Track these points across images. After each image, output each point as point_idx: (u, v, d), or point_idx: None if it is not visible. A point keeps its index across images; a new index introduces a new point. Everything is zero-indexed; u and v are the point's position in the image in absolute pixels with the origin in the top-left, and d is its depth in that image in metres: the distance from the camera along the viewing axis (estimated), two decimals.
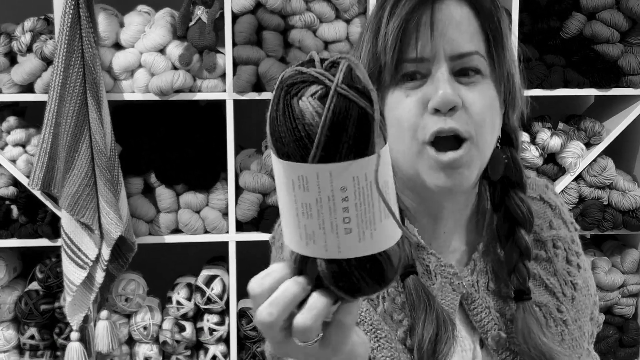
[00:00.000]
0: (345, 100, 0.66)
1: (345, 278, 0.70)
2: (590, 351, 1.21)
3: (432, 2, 1.02)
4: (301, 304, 0.72)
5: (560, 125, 2.94)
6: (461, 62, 1.02)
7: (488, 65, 1.04)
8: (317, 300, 0.71)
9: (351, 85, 0.67)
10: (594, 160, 2.92)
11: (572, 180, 2.91)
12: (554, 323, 1.13)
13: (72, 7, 2.49)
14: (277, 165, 0.70)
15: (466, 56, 1.02)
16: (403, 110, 1.03)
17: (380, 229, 0.69)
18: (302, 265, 0.72)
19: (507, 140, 1.12)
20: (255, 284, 0.73)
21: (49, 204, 2.68)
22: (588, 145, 2.94)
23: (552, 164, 2.90)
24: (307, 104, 0.66)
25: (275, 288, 0.72)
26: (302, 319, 0.70)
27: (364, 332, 1.03)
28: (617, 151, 3.00)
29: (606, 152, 2.96)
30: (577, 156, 2.86)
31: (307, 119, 0.66)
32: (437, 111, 1.00)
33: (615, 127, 2.91)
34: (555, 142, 2.84)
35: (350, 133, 0.66)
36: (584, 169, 2.91)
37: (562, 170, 2.90)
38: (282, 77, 0.69)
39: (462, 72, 1.02)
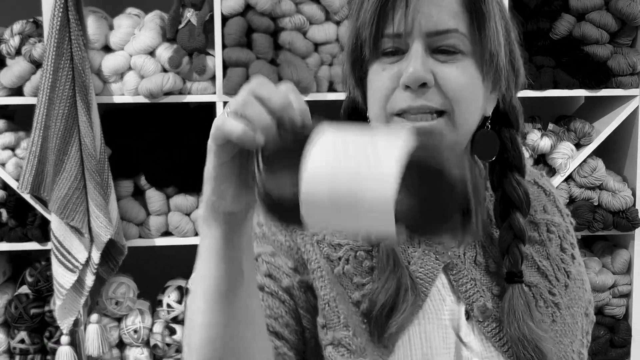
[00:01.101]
0: None
1: None
2: (584, 347, 1.18)
3: None
4: None
5: (550, 126, 2.95)
6: (438, 38, 1.01)
7: (470, 44, 1.02)
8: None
9: None
10: (584, 161, 2.93)
11: (563, 181, 2.91)
12: (545, 304, 1.11)
13: (61, 10, 2.49)
14: None
15: (443, 33, 1.01)
16: (379, 83, 1.03)
17: None
18: None
19: (506, 121, 1.11)
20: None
21: (38, 207, 2.67)
22: (578, 146, 2.95)
23: (542, 165, 2.90)
24: None
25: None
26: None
27: (318, 282, 1.06)
28: (607, 152, 3.01)
29: (596, 152, 2.96)
30: (567, 157, 2.87)
31: None
32: (407, 87, 1.00)
33: (605, 127, 2.92)
34: (545, 143, 2.84)
35: None
36: (574, 170, 2.92)
37: (553, 171, 2.91)
38: None
39: (438, 50, 1.01)
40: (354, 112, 1.13)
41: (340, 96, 2.73)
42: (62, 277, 2.60)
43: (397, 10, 1.01)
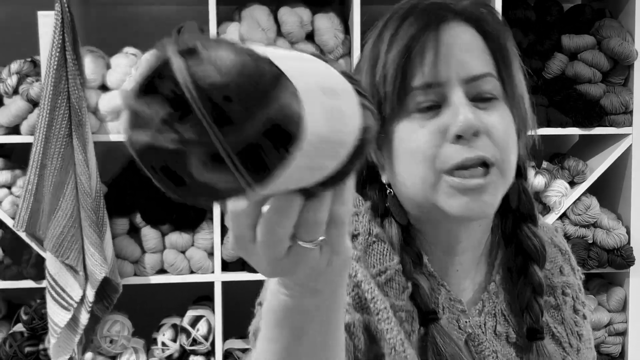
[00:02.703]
0: None
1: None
2: None
3: (435, 25, 0.97)
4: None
5: (544, 164, 2.96)
6: (475, 84, 0.96)
7: (501, 88, 0.99)
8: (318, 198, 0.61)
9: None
10: (578, 198, 2.94)
11: (557, 219, 2.92)
12: None
13: (59, 49, 2.51)
14: None
15: (480, 78, 0.97)
16: (419, 142, 0.96)
17: None
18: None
19: (517, 171, 1.05)
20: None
21: (34, 245, 2.68)
22: (572, 184, 2.96)
23: (537, 203, 2.91)
24: None
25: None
26: (313, 211, 0.60)
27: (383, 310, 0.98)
28: (601, 190, 3.02)
29: (590, 190, 2.98)
30: (562, 195, 2.88)
31: None
32: (459, 138, 0.94)
33: (599, 165, 2.94)
34: (539, 180, 2.86)
35: None
36: (568, 208, 2.93)
37: (547, 209, 2.91)
38: None
39: (477, 98, 0.97)
40: (371, 178, 1.07)
41: None
42: (57, 315, 2.59)
43: (426, 59, 0.96)
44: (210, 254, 2.77)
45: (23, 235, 2.66)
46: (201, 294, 2.99)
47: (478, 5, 1.01)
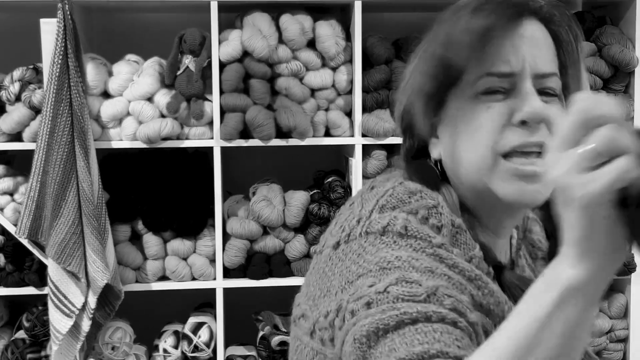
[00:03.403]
0: None
1: None
2: None
3: (516, 18, 1.01)
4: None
5: None
6: (542, 81, 1.02)
7: (562, 88, 1.05)
8: None
9: None
10: None
11: None
12: None
13: (61, 56, 2.52)
14: None
15: (547, 76, 1.02)
16: (484, 121, 1.01)
17: None
18: None
19: None
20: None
21: (36, 252, 2.68)
22: None
23: None
24: None
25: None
26: None
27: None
28: None
29: None
30: None
31: None
32: (523, 124, 0.99)
33: None
34: None
35: None
36: None
37: None
38: None
39: (541, 92, 1.02)
40: (419, 156, 1.11)
41: (335, 141, 2.76)
42: (59, 322, 2.59)
43: (506, 49, 1.00)
44: (212, 261, 2.78)
45: (25, 242, 2.66)
46: (203, 301, 2.99)
47: (554, 7, 1.06)
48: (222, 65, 2.67)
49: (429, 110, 1.06)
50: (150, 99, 2.68)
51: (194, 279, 2.78)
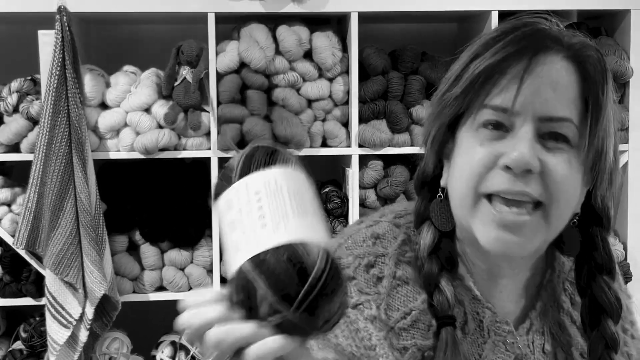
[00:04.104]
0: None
1: (266, 268, 0.73)
2: None
3: (531, 53, 0.95)
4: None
5: None
6: (550, 125, 0.94)
7: (579, 136, 0.95)
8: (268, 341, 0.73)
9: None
10: None
11: None
12: None
13: (59, 68, 2.53)
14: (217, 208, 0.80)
15: (557, 121, 0.94)
16: (472, 158, 0.96)
17: (294, 223, 0.75)
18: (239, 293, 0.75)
19: (597, 220, 1.04)
20: (187, 321, 0.75)
21: (33, 263, 2.68)
22: None
23: None
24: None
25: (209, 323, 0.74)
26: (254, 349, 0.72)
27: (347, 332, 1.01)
28: None
29: None
30: None
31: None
32: (508, 169, 0.94)
33: None
34: None
35: (259, 160, 0.78)
36: None
37: None
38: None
39: (549, 136, 0.95)
40: (426, 184, 1.08)
41: (332, 151, 2.77)
42: (56, 333, 2.60)
43: (510, 83, 0.94)
44: (209, 271, 2.78)
45: (23, 252, 2.66)
46: None
47: (588, 47, 0.98)
48: (220, 77, 2.68)
49: (438, 136, 1.04)
50: (147, 110, 2.69)
51: (191, 289, 2.79)
